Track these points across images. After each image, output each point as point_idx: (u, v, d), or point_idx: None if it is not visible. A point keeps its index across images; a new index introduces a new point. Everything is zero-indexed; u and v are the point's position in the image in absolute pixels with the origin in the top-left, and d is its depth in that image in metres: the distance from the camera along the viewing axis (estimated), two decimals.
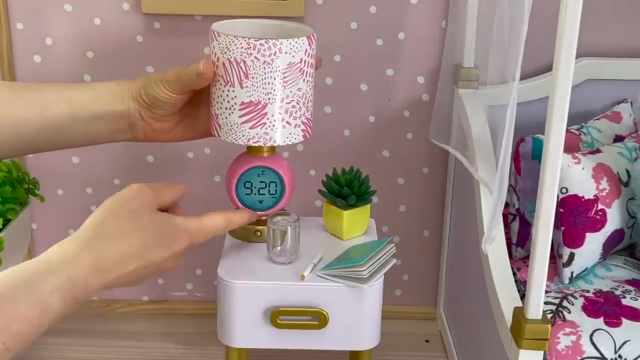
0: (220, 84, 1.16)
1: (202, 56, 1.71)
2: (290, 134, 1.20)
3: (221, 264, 1.30)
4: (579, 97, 1.71)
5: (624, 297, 1.39)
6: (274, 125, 1.18)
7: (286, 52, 1.14)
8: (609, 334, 1.29)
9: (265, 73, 1.15)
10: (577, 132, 1.65)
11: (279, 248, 1.29)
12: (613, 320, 1.31)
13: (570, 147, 1.59)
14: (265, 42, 1.13)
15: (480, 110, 1.62)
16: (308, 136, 1.23)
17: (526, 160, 1.51)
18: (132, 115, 1.00)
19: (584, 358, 1.27)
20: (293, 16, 1.72)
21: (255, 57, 1.14)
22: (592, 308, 1.34)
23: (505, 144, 1.14)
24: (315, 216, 1.45)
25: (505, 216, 1.52)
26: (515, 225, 1.54)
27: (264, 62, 1.14)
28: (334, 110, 1.85)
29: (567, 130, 1.15)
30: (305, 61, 1.17)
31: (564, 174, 1.41)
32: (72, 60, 1.81)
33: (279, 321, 1.25)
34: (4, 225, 1.69)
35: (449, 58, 1.74)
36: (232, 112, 1.17)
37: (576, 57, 1.04)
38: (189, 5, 1.74)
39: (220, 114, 1.17)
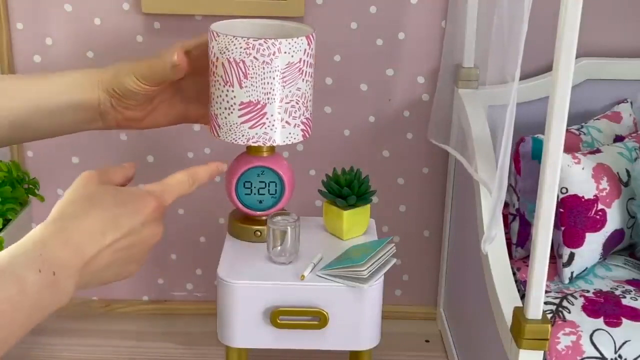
0: (220, 84, 1.16)
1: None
2: (290, 133, 1.20)
3: (221, 264, 1.30)
4: (579, 97, 1.71)
5: (624, 297, 1.39)
6: (273, 125, 1.18)
7: (285, 52, 1.14)
8: (609, 334, 1.29)
9: (264, 73, 1.14)
10: (577, 132, 1.65)
11: (279, 248, 1.29)
12: (613, 320, 1.31)
13: (570, 147, 1.59)
14: (264, 42, 1.13)
15: (480, 110, 1.62)
16: (307, 136, 1.23)
17: (526, 160, 1.51)
18: (102, 104, 0.97)
19: (584, 358, 1.27)
20: (293, 16, 1.71)
21: (254, 57, 1.13)
22: (592, 308, 1.34)
23: (505, 143, 1.13)
24: (315, 216, 1.45)
25: (505, 216, 1.52)
26: (515, 225, 1.54)
27: (263, 62, 1.14)
28: (334, 110, 1.85)
29: (567, 130, 1.15)
30: (304, 61, 1.16)
31: (564, 174, 1.41)
32: (72, 60, 1.81)
33: (279, 321, 1.25)
34: (4, 225, 1.69)
35: (449, 58, 1.74)
36: (232, 112, 1.17)
37: (576, 57, 1.04)
38: (189, 5, 1.74)
39: (220, 114, 1.17)
